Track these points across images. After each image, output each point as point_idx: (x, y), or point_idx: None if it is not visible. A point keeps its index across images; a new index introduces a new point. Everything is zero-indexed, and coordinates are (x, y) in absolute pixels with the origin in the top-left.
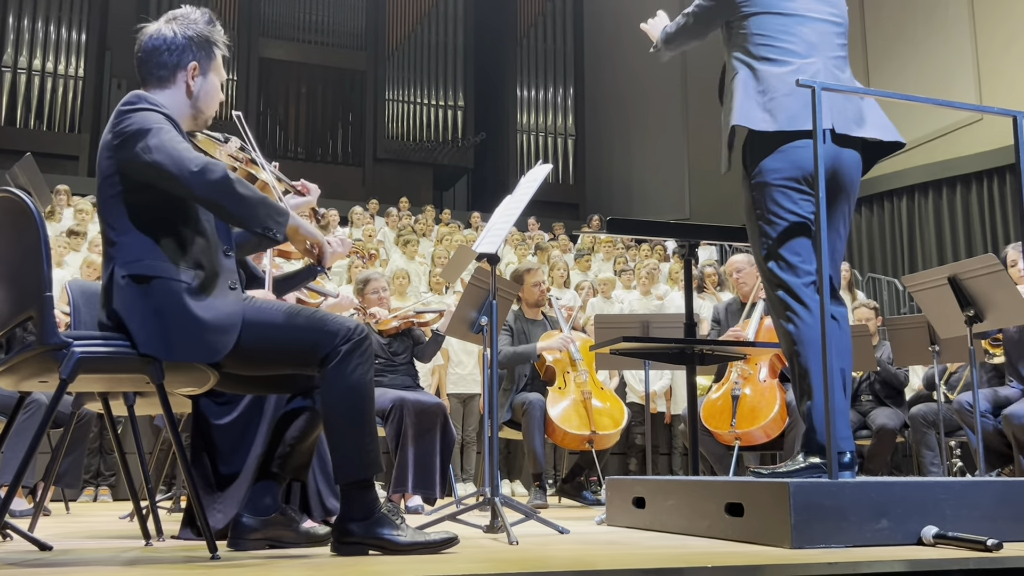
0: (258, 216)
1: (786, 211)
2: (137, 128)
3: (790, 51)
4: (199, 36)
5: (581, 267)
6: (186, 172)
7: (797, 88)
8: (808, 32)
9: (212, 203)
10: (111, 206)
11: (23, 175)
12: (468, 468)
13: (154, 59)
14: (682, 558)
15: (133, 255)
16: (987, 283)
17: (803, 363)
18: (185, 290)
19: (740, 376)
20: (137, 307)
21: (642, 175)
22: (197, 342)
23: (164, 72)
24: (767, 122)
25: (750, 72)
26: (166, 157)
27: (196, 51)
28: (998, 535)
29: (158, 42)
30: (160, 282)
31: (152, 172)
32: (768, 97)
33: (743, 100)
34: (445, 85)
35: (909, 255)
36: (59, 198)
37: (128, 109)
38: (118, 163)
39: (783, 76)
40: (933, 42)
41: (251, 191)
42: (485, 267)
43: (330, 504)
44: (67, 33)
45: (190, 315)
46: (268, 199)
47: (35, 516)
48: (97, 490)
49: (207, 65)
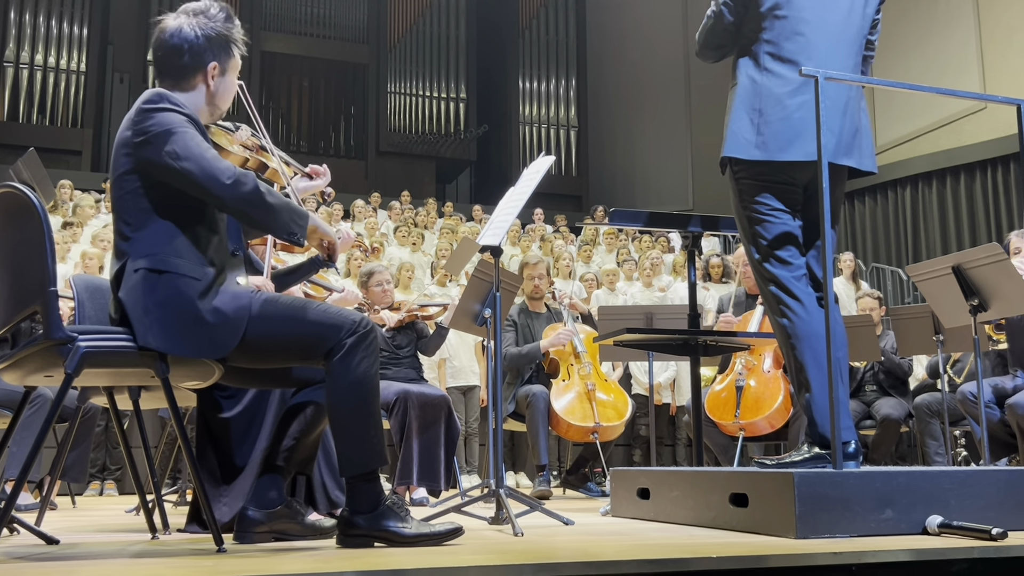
0: (283, 222)
1: (772, 207)
2: (162, 130)
3: (796, 62)
4: (219, 36)
5: (583, 258)
6: (218, 184)
7: (794, 113)
8: (819, 40)
9: (241, 213)
10: (126, 202)
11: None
12: (472, 460)
13: (174, 59)
14: (687, 549)
15: (148, 250)
16: (991, 272)
17: (799, 356)
18: (196, 286)
19: (744, 367)
20: (146, 301)
21: (645, 166)
22: (204, 338)
23: (183, 72)
24: (758, 151)
25: (750, 84)
26: (196, 167)
27: (216, 51)
28: (1003, 524)
29: (179, 41)
30: (172, 277)
31: (180, 178)
32: (764, 119)
33: (738, 121)
34: (447, 78)
35: (913, 244)
36: (63, 193)
37: (151, 108)
38: (137, 161)
39: (782, 97)
40: (936, 31)
41: (277, 199)
42: (488, 259)
43: (335, 497)
44: (68, 28)
45: (198, 311)
46: (291, 203)
47: (41, 510)
48: (103, 484)
49: (226, 64)
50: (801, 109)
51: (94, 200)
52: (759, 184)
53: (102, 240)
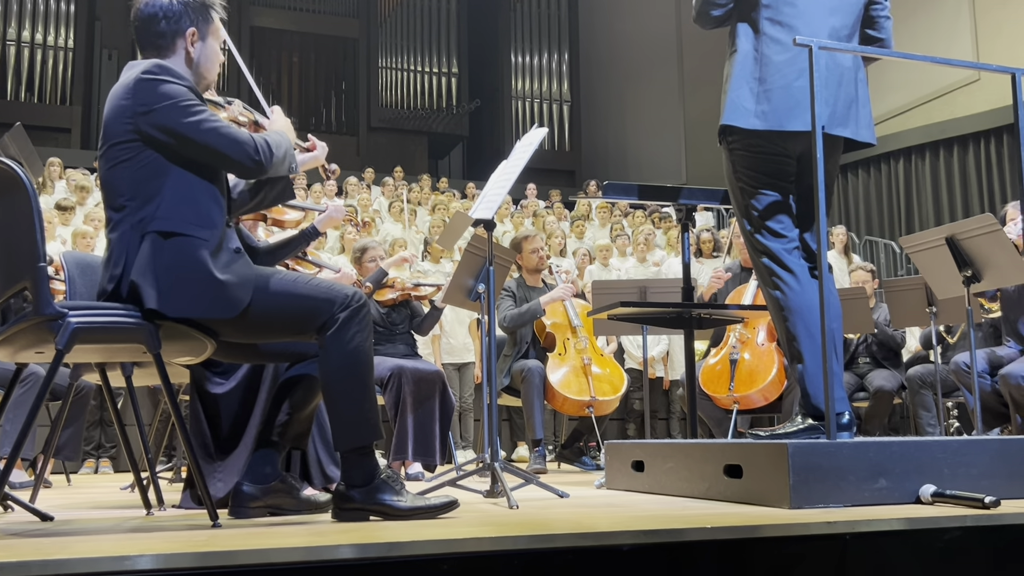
0: (287, 167)
1: (766, 177)
2: (173, 102)
3: (793, 27)
4: (195, 0)
5: (576, 233)
6: (249, 160)
7: (794, 81)
8: (815, 3)
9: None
10: (121, 171)
11: (13, 145)
12: (467, 435)
13: (151, 27)
14: (681, 519)
15: (151, 215)
16: (985, 243)
17: (791, 328)
18: (205, 246)
19: (738, 340)
20: (155, 265)
21: (638, 140)
22: (216, 297)
23: (162, 40)
24: (758, 120)
25: (751, 51)
26: (221, 141)
27: (193, 16)
28: (995, 492)
29: (154, 9)
30: (180, 239)
31: (202, 151)
32: (764, 87)
33: (737, 89)
34: (439, 52)
35: (906, 217)
36: (51, 170)
37: (152, 79)
38: (140, 129)
39: (781, 65)
40: (930, 1)
41: (280, 147)
42: (482, 234)
43: (330, 471)
44: (55, 4)
45: (210, 271)
46: (287, 145)
47: (36, 488)
48: (98, 462)
49: (205, 29)
50: (801, 77)
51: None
52: (752, 155)
53: (93, 220)
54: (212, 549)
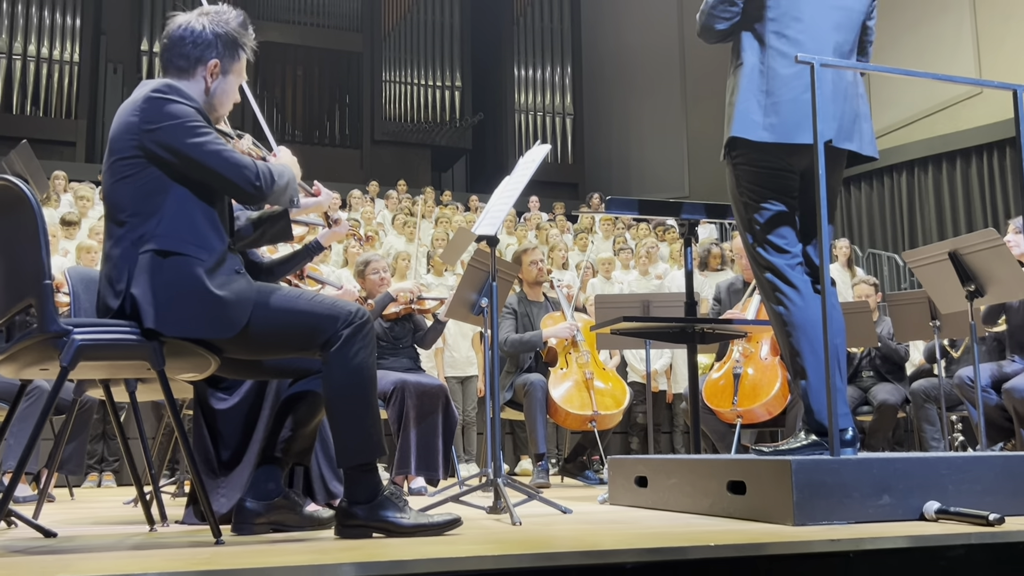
0: (288, 197)
1: (770, 191)
2: (179, 122)
3: (799, 42)
4: (227, 35)
5: (579, 246)
6: (250, 186)
7: (801, 95)
8: (820, 21)
9: (264, 202)
10: (124, 187)
11: (19, 162)
12: (470, 449)
13: (177, 48)
14: (685, 536)
15: (151, 232)
16: (988, 258)
17: (795, 344)
18: (203, 265)
19: (742, 355)
20: (153, 283)
21: (641, 153)
22: (214, 317)
23: (184, 63)
24: (767, 132)
25: (757, 65)
26: (223, 164)
27: (221, 49)
28: (1000, 509)
29: (185, 32)
30: (179, 258)
31: (204, 172)
32: (772, 100)
33: (745, 102)
34: (442, 66)
35: (909, 230)
36: (56, 184)
37: (161, 97)
38: (144, 146)
39: (789, 79)
40: (931, 15)
41: (282, 178)
42: (485, 249)
43: (333, 488)
44: (61, 18)
45: (207, 290)
46: (291, 178)
47: (39, 503)
48: (101, 476)
49: (229, 65)
50: (808, 91)
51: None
52: (756, 170)
53: (98, 233)
54: (215, 567)
